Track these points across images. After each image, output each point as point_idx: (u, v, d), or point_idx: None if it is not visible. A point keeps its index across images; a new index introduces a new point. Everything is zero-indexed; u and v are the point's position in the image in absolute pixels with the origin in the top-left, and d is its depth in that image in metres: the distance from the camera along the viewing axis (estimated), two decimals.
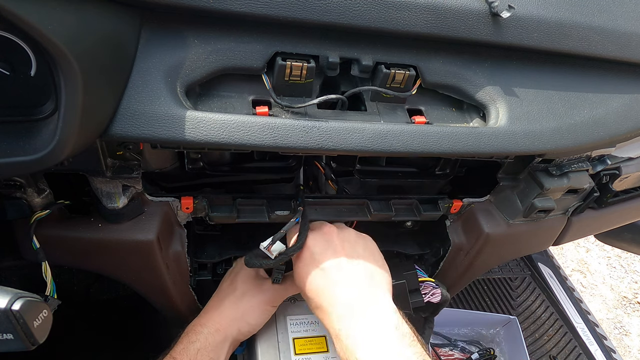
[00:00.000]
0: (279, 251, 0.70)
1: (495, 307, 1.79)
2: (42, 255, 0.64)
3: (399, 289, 0.89)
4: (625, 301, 2.57)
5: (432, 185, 0.95)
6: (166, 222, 0.71)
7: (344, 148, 0.61)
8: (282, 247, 0.71)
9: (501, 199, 0.87)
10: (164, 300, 0.83)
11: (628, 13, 0.77)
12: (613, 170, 0.90)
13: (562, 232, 0.99)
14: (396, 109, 0.70)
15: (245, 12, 0.56)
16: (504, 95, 0.70)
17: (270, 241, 0.69)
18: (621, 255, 2.83)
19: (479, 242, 0.88)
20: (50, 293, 0.63)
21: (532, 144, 0.70)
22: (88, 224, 0.68)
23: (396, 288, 0.89)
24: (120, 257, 0.71)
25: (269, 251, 0.69)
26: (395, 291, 0.89)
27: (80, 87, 0.45)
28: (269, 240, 0.69)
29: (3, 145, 0.47)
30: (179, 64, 0.56)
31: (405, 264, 0.93)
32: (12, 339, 0.45)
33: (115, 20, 0.51)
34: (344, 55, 0.64)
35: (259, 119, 0.58)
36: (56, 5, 0.42)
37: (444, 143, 0.65)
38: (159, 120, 0.53)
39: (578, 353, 1.64)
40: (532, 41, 0.69)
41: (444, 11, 0.63)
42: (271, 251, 0.70)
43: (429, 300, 0.92)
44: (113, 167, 0.62)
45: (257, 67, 0.61)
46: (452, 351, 1.61)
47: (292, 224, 0.72)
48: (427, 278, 0.92)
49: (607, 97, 0.77)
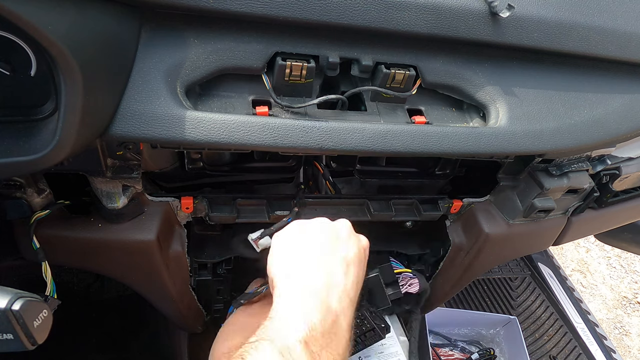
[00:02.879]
0: (265, 246, 0.70)
1: (495, 307, 1.79)
2: (42, 255, 0.64)
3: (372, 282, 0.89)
4: (625, 301, 2.57)
5: (432, 185, 0.96)
6: (166, 222, 0.71)
7: (344, 148, 0.61)
8: (269, 243, 0.71)
9: (501, 199, 0.87)
10: (164, 300, 0.83)
11: (628, 13, 0.77)
12: (613, 170, 0.90)
13: (562, 232, 0.99)
14: (396, 109, 0.70)
15: (245, 12, 0.56)
16: (504, 95, 0.70)
17: (260, 234, 0.70)
18: (621, 255, 2.83)
19: (479, 242, 0.88)
20: (50, 293, 0.63)
21: (532, 144, 0.70)
22: (88, 224, 0.68)
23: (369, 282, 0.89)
24: (120, 257, 0.71)
25: (256, 244, 0.70)
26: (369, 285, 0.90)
27: (80, 87, 0.45)
28: (258, 233, 0.70)
29: (3, 145, 0.47)
30: (179, 64, 0.56)
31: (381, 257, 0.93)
32: (12, 339, 0.45)
33: (115, 20, 0.51)
34: (344, 55, 0.64)
35: (259, 119, 0.58)
36: (56, 6, 0.42)
37: (444, 143, 0.65)
38: (159, 120, 0.53)
39: (578, 353, 1.64)
40: (532, 41, 0.69)
41: (444, 11, 0.63)
42: (258, 244, 0.70)
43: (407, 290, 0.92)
44: (113, 167, 0.62)
45: (257, 67, 0.61)
46: (452, 351, 1.61)
47: (284, 222, 0.72)
48: (403, 269, 0.93)
49: (607, 97, 0.77)
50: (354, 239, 0.67)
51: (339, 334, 0.55)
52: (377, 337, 0.88)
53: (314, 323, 0.53)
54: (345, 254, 0.63)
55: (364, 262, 0.67)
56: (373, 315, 0.87)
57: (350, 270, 0.62)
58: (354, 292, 0.62)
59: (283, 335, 0.51)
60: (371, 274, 0.90)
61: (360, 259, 0.66)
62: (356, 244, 0.66)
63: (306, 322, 0.52)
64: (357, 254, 0.65)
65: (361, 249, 0.67)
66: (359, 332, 0.86)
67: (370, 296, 0.91)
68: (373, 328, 0.86)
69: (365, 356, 0.93)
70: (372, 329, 0.86)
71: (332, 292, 0.58)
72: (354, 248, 0.65)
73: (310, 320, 0.53)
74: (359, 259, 0.65)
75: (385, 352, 0.94)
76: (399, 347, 0.95)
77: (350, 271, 0.62)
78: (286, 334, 0.51)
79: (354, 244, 0.66)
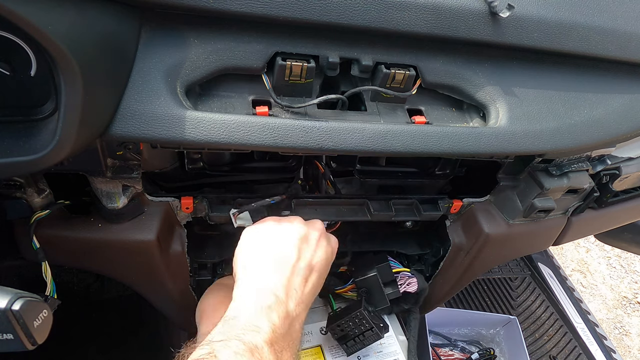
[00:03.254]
0: (243, 224, 0.72)
1: (495, 307, 1.79)
2: (42, 255, 0.64)
3: (371, 282, 0.89)
4: (625, 301, 2.57)
5: (432, 185, 0.95)
6: (166, 222, 0.71)
7: (344, 148, 0.61)
8: (248, 222, 0.72)
9: (501, 199, 0.87)
10: (164, 300, 0.84)
11: (628, 13, 0.77)
12: (613, 170, 0.90)
13: (562, 232, 0.99)
14: (396, 109, 0.70)
15: (245, 12, 0.56)
16: (504, 95, 0.70)
17: (238, 210, 0.71)
18: (621, 255, 2.83)
19: (479, 242, 0.88)
20: (50, 293, 0.63)
21: (532, 144, 0.70)
22: (88, 224, 0.68)
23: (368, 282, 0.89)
24: (120, 257, 0.71)
25: (234, 218, 0.71)
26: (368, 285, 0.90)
27: (80, 87, 0.45)
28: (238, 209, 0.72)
29: (3, 145, 0.47)
30: (179, 64, 0.56)
31: (379, 257, 0.93)
32: (12, 339, 0.45)
33: (115, 20, 0.51)
34: (344, 55, 0.64)
35: (259, 119, 0.58)
36: (56, 6, 0.42)
37: (444, 143, 0.65)
38: (159, 120, 0.53)
39: (578, 353, 1.64)
40: (532, 41, 0.69)
41: (443, 11, 0.63)
42: (237, 219, 0.72)
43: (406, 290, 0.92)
44: (113, 167, 0.62)
45: (257, 67, 0.61)
46: (452, 351, 1.61)
47: (267, 202, 0.73)
48: (402, 268, 0.93)
49: (607, 97, 0.77)
50: (323, 243, 0.69)
51: (294, 336, 0.58)
52: (376, 337, 0.88)
53: (276, 325, 0.55)
54: (310, 259, 0.65)
55: (327, 268, 0.69)
56: (372, 315, 0.87)
57: (311, 277, 0.64)
58: (311, 298, 0.64)
59: (250, 335, 0.52)
60: (369, 274, 0.90)
61: (325, 265, 0.68)
62: (324, 250, 0.68)
63: (269, 323, 0.54)
64: (322, 261, 0.67)
65: (328, 253, 0.69)
66: (358, 331, 0.87)
67: (368, 296, 0.91)
68: (372, 328, 0.86)
69: (363, 355, 0.93)
70: (371, 329, 0.86)
71: (291, 296, 0.60)
72: (320, 254, 0.67)
73: (273, 322, 0.54)
74: (322, 265, 0.67)
75: (384, 352, 0.94)
76: (398, 346, 0.95)
77: (311, 278, 0.64)
78: (253, 335, 0.52)
79: (321, 250, 0.68)
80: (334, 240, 0.73)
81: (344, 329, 0.87)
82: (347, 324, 0.86)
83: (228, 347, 0.50)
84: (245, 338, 0.51)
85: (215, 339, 0.52)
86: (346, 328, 0.87)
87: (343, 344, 0.89)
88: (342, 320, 0.86)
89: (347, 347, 0.89)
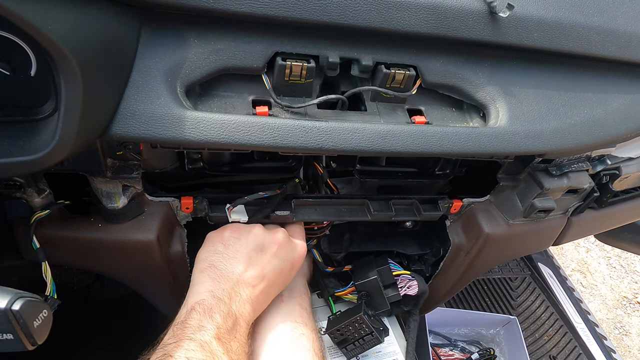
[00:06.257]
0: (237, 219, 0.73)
1: (495, 307, 1.79)
2: (42, 255, 0.64)
3: (371, 285, 0.89)
4: (625, 301, 2.57)
5: (432, 185, 0.95)
6: (166, 222, 0.71)
7: (344, 148, 0.61)
8: (243, 217, 0.73)
9: (501, 199, 0.87)
10: (164, 300, 0.83)
11: (628, 13, 0.77)
12: (613, 170, 0.90)
13: (562, 232, 0.99)
14: (396, 109, 0.70)
15: (245, 12, 0.56)
16: (504, 95, 0.70)
17: (232, 204, 0.73)
18: (621, 255, 2.83)
19: (479, 242, 0.88)
20: (50, 293, 0.63)
21: (532, 144, 0.70)
22: (88, 224, 0.68)
23: (368, 285, 0.89)
24: (121, 257, 0.71)
25: (229, 212, 0.73)
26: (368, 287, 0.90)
27: (80, 87, 0.45)
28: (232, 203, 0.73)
29: (3, 145, 0.47)
30: (179, 63, 0.56)
31: (379, 260, 0.93)
32: (12, 339, 0.45)
33: (115, 20, 0.51)
34: (344, 55, 0.64)
35: (259, 119, 0.58)
36: (56, 6, 0.42)
37: (444, 143, 0.65)
38: (159, 120, 0.53)
39: (578, 353, 1.65)
40: (532, 41, 0.69)
41: (443, 11, 0.63)
42: (231, 213, 0.73)
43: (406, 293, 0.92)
44: (113, 167, 0.62)
45: (257, 67, 0.61)
46: (452, 351, 1.61)
47: (258, 195, 0.74)
48: (402, 271, 0.93)
49: (607, 97, 0.77)
50: (281, 253, 0.72)
51: (240, 331, 0.63)
52: (376, 341, 0.87)
53: (219, 323, 0.61)
54: (261, 270, 0.69)
55: (282, 276, 0.74)
56: (372, 320, 0.87)
57: (260, 285, 0.69)
58: (259, 303, 0.69)
59: (199, 334, 0.58)
60: (370, 277, 0.90)
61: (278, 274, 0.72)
62: (280, 259, 0.72)
63: (214, 322, 0.60)
64: (276, 270, 0.71)
65: (287, 262, 0.74)
66: (358, 336, 0.86)
67: (368, 299, 0.91)
68: (372, 332, 0.85)
69: (362, 355, 0.93)
70: (371, 333, 0.86)
71: (235, 298, 0.65)
72: (275, 264, 0.71)
73: (217, 321, 0.61)
74: (275, 274, 0.71)
75: (383, 352, 0.94)
76: (397, 347, 0.95)
77: (259, 286, 0.69)
78: (202, 334, 0.58)
79: (277, 260, 0.72)
80: (300, 248, 0.77)
81: (343, 333, 0.87)
82: (347, 328, 0.86)
83: (180, 347, 0.56)
84: (195, 337, 0.58)
85: (168, 342, 0.58)
86: (346, 332, 0.87)
87: (342, 347, 0.89)
88: (342, 325, 0.86)
89: (347, 352, 0.89)
